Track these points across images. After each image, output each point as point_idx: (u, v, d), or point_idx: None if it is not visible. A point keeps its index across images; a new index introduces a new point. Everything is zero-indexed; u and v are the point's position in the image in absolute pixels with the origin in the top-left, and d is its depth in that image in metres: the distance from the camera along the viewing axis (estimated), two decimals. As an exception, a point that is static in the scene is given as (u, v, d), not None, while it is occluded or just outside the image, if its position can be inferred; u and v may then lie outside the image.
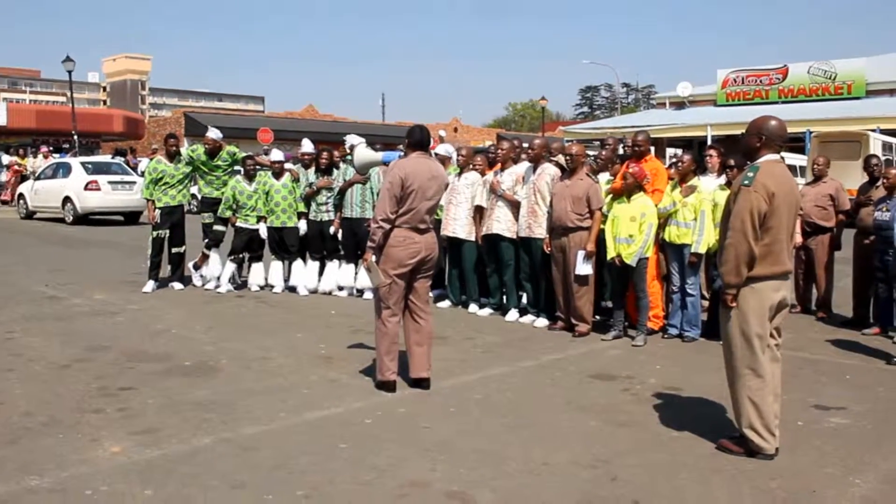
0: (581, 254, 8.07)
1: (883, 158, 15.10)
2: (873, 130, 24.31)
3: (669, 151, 32.12)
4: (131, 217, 21.22)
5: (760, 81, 33.92)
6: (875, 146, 22.43)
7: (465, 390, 6.26)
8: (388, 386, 6.11)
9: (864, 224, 8.79)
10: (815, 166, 9.61)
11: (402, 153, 6.27)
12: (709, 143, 27.84)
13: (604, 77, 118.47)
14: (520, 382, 6.54)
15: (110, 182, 20.44)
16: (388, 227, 5.95)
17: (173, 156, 10.62)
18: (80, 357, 7.07)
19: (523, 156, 9.28)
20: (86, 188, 20.13)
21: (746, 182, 4.86)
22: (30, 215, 22.52)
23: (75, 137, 28.89)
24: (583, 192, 8.13)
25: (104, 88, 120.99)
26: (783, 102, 32.82)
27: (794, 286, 9.65)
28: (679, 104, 37.74)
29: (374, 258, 6.01)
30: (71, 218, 20.51)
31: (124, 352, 7.29)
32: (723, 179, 8.62)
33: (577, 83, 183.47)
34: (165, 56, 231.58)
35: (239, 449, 4.91)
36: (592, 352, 7.66)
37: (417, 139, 6.15)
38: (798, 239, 8.96)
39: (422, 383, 6.22)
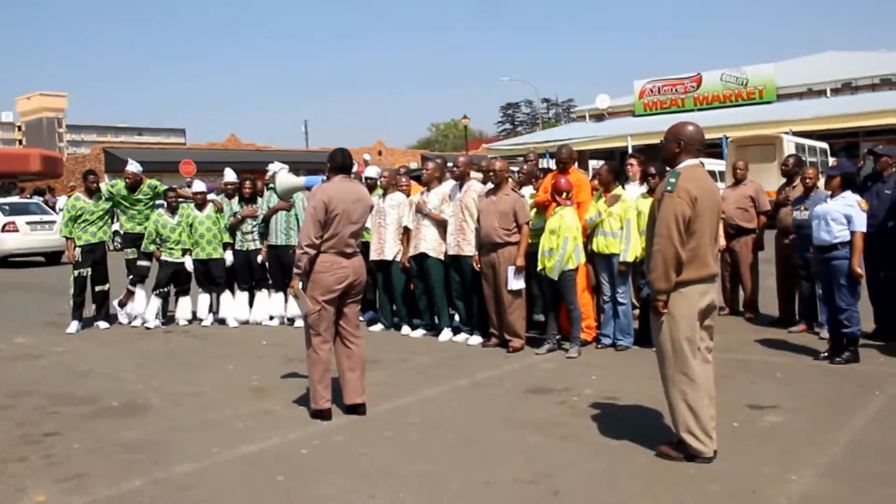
0: (511, 269, 8.08)
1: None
2: (786, 133, 25.00)
3: (592, 163, 32.54)
4: (53, 257, 20.61)
5: (676, 90, 34.68)
6: (789, 148, 23.01)
7: (401, 413, 6.18)
8: (322, 414, 5.99)
9: (784, 224, 8.99)
10: (737, 170, 9.82)
11: (326, 177, 6.19)
12: (629, 152, 28.29)
13: (524, 94, 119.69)
14: (457, 402, 6.49)
15: (28, 223, 19.86)
16: (313, 252, 5.85)
17: (93, 192, 10.34)
18: (0, 404, 6.80)
19: (448, 175, 9.30)
20: (3, 230, 19.51)
21: (669, 188, 4.91)
22: (-53, 261, 21.69)
23: (-8, 179, 28.02)
24: (509, 207, 8.15)
25: (19, 128, 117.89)
26: (699, 110, 33.57)
27: (721, 288, 9.82)
28: (599, 116, 38.33)
29: (300, 285, 5.90)
30: (-10, 261, 19.85)
31: (48, 396, 7.02)
32: (645, 188, 8.74)
33: (497, 101, 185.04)
34: (82, 93, 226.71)
35: (172, 489, 4.74)
36: (527, 366, 7.65)
37: (340, 162, 6.07)
38: (722, 242, 9.11)
39: (357, 409, 6.11)
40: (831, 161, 24.48)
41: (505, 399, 6.55)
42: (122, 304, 10.64)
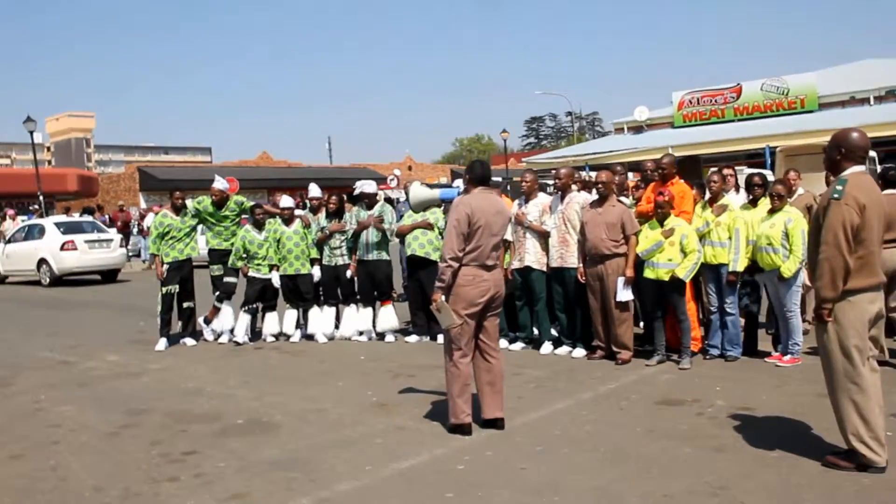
0: (621, 280, 8.01)
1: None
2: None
3: (630, 175, 32.31)
4: (109, 275, 20.71)
5: (715, 101, 34.36)
6: (839, 157, 22.68)
7: (540, 427, 6.11)
8: (463, 429, 5.92)
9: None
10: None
11: (464, 189, 6.14)
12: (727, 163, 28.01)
13: (547, 108, 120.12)
14: (590, 415, 6.40)
15: (87, 241, 19.93)
16: (456, 265, 5.80)
17: (179, 209, 10.38)
18: (123, 423, 6.77)
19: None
20: (62, 248, 19.59)
21: (836, 196, 4.83)
22: (1, 280, 21.90)
23: (41, 198, 28.18)
24: (616, 219, 8.08)
25: (48, 148, 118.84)
26: (739, 120, 33.27)
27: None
28: (637, 128, 38.17)
29: (443, 298, 5.84)
30: (48, 280, 19.92)
31: (167, 413, 7.00)
32: (744, 197, 8.70)
33: (519, 115, 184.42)
34: (106, 113, 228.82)
35: (343, 507, 4.70)
36: (644, 378, 7.56)
37: (479, 174, 6.03)
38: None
39: (496, 423, 6.04)
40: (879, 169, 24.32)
41: (637, 411, 6.46)
42: (208, 321, 10.63)
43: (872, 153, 25.45)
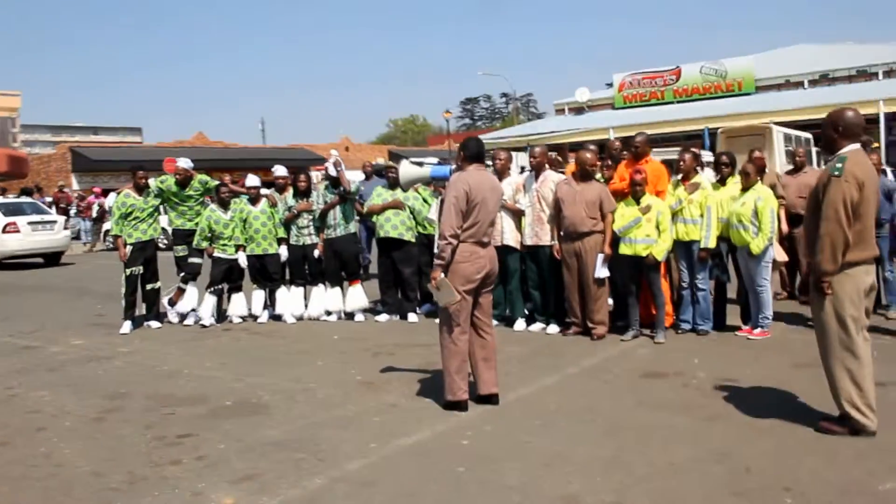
0: (601, 257, 8.13)
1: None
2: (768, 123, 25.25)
3: (571, 155, 32.48)
4: (52, 258, 20.18)
5: (655, 83, 34.84)
6: (778, 138, 23.23)
7: (534, 402, 6.19)
8: (460, 405, 5.97)
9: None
10: (797, 157, 9.94)
11: (457, 166, 6.16)
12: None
13: (482, 89, 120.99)
14: (580, 388, 6.52)
15: (30, 223, 19.38)
16: (456, 242, 5.82)
17: (142, 189, 10.17)
18: (107, 407, 6.64)
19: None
20: (4, 231, 19.01)
21: (836, 172, 4.98)
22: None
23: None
24: (595, 196, 8.20)
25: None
26: (678, 102, 33.83)
27: (779, 274, 9.99)
28: (578, 109, 38.49)
29: (443, 275, 5.86)
30: (-12, 263, 19.34)
31: (150, 397, 6.89)
32: (710, 175, 8.89)
33: (451, 96, 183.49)
34: (31, 92, 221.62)
35: (358, 486, 4.68)
36: (623, 353, 7.72)
37: (474, 151, 6.05)
38: (784, 228, 9.25)
39: (491, 399, 6.11)
40: (814, 151, 24.97)
41: (623, 384, 6.60)
42: (173, 303, 10.46)
43: (808, 135, 26.09)
